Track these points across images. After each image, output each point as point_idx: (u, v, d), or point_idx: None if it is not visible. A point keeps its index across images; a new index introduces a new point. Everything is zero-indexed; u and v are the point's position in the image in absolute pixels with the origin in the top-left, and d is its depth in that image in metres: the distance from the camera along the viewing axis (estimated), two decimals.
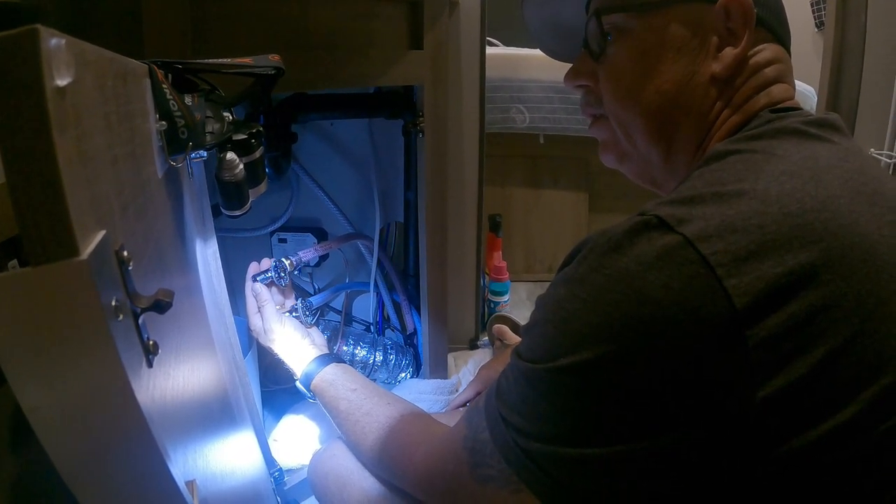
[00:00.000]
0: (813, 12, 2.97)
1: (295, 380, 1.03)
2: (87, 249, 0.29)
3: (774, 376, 0.46)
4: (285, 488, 1.18)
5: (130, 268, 0.35)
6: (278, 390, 1.49)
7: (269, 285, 1.11)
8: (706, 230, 0.48)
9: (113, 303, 0.31)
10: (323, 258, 1.52)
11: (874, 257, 0.50)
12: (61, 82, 0.29)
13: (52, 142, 0.27)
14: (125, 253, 0.34)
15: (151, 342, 0.37)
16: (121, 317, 0.32)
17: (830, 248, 0.48)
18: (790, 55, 0.69)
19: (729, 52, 0.64)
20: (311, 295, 1.54)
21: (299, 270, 1.49)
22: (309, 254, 1.29)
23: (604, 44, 0.70)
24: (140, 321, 0.36)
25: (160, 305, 0.36)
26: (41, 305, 0.28)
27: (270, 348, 1.06)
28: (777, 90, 0.66)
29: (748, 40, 0.64)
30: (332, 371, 0.99)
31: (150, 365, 0.37)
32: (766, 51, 0.66)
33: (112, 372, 0.31)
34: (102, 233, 0.31)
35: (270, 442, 1.28)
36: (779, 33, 0.67)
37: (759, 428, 0.47)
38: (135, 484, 0.36)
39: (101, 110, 0.37)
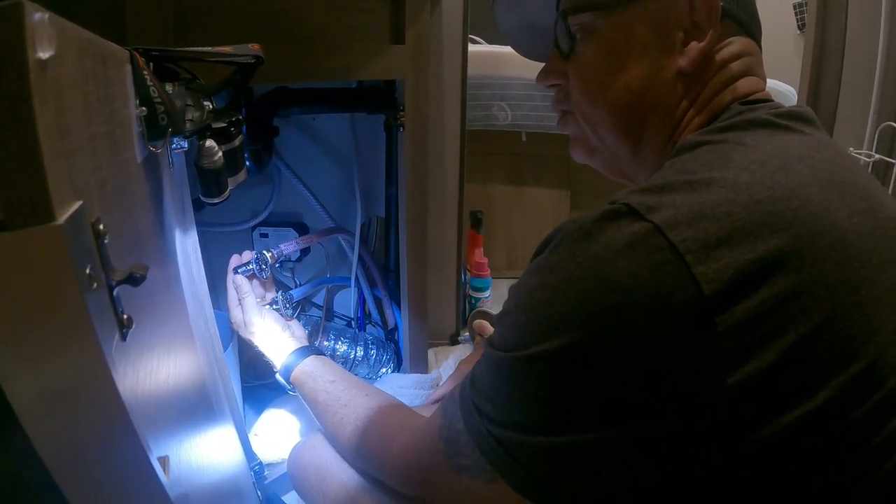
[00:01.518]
0: (795, 14, 2.99)
1: (275, 372, 1.03)
2: (63, 216, 0.29)
3: (745, 363, 0.46)
4: (266, 482, 1.18)
5: (106, 241, 0.36)
6: (259, 385, 1.49)
7: (250, 278, 1.12)
8: (675, 217, 0.49)
9: (87, 271, 0.32)
10: (304, 253, 1.52)
11: (845, 245, 0.51)
12: (43, 55, 0.30)
13: (33, 111, 0.28)
14: (101, 226, 0.35)
15: (126, 316, 0.38)
16: (94, 285, 0.32)
17: (800, 235, 0.49)
18: (761, 47, 0.69)
19: (694, 47, 0.64)
20: (292, 289, 1.54)
21: (280, 265, 1.49)
22: (290, 247, 1.29)
23: (572, 43, 0.71)
24: (115, 294, 0.36)
25: (134, 278, 0.36)
26: (15, 270, 0.29)
27: (250, 341, 1.06)
28: (745, 84, 0.66)
29: (714, 34, 0.64)
30: (311, 363, 1.00)
31: (123, 338, 0.38)
32: (734, 44, 0.66)
33: (84, 339, 0.31)
34: (79, 203, 0.32)
35: (251, 436, 1.28)
36: (748, 25, 0.68)
37: (730, 415, 0.47)
38: (107, 457, 0.36)
39: (81, 88, 0.38)
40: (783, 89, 2.17)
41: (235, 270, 1.11)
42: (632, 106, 0.68)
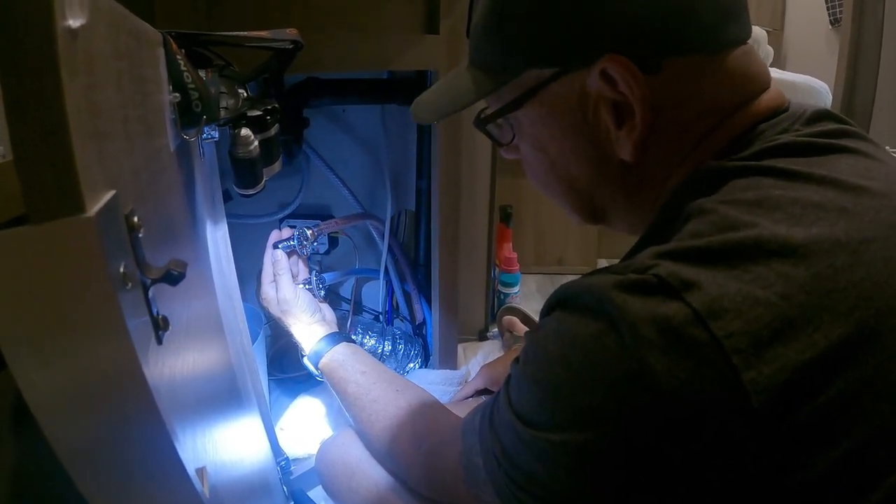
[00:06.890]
0: (827, 8, 2.92)
1: (302, 356, 1.01)
2: (95, 207, 0.26)
3: (792, 473, 0.42)
4: (291, 478, 1.17)
5: (141, 235, 0.32)
6: (285, 379, 1.48)
7: (289, 254, 1.09)
8: (720, 301, 0.42)
9: (121, 269, 0.28)
10: (332, 245, 1.50)
11: None
12: (73, 23, 0.26)
13: (61, 84, 0.25)
14: (135, 218, 0.32)
15: (161, 317, 0.35)
16: (129, 285, 0.29)
17: (864, 318, 0.42)
18: (749, 34, 0.55)
19: (624, 136, 0.55)
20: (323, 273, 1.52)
21: (309, 258, 1.47)
22: (330, 226, 1.29)
23: (509, 138, 0.66)
24: (150, 294, 0.33)
25: (172, 277, 0.33)
26: (42, 268, 0.25)
27: (280, 319, 1.03)
28: (741, 116, 0.55)
29: (645, 107, 0.53)
30: (341, 351, 0.98)
31: (159, 342, 0.35)
32: (700, 79, 0.54)
33: (119, 346, 0.28)
34: (112, 192, 0.29)
35: (277, 430, 1.26)
36: (705, 41, 0.53)
37: None
38: (141, 470, 0.33)
39: (114, 65, 0.34)
40: (816, 86, 2.10)
41: (276, 246, 1.09)
42: (586, 199, 0.64)
